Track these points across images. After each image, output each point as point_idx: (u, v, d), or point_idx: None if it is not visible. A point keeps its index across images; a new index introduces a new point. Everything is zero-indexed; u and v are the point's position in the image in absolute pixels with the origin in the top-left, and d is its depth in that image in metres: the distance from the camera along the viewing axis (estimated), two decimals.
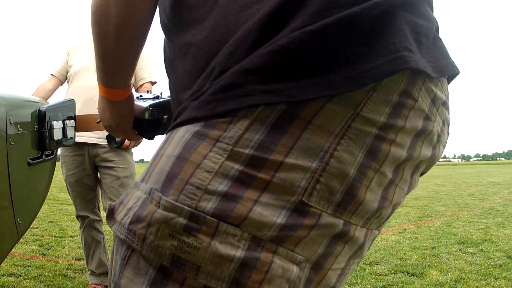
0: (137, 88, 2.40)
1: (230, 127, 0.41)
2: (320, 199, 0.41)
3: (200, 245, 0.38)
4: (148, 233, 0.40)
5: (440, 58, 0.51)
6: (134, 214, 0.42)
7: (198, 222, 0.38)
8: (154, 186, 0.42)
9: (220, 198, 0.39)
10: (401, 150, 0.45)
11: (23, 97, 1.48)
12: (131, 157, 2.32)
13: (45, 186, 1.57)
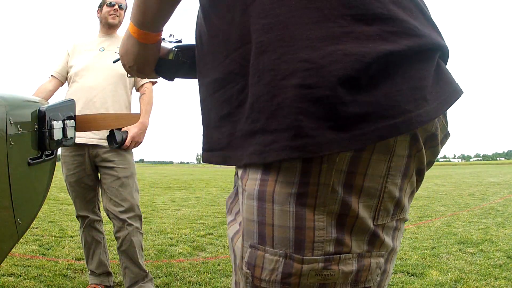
0: (138, 88, 2.40)
1: (320, 189, 0.56)
2: (383, 218, 0.60)
3: (333, 272, 0.57)
4: (301, 280, 0.58)
5: (445, 91, 0.60)
6: (283, 272, 0.58)
7: (329, 260, 0.57)
8: (288, 251, 0.58)
9: (334, 241, 0.57)
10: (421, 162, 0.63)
11: (23, 97, 1.48)
12: (131, 157, 2.32)
13: (45, 186, 1.57)
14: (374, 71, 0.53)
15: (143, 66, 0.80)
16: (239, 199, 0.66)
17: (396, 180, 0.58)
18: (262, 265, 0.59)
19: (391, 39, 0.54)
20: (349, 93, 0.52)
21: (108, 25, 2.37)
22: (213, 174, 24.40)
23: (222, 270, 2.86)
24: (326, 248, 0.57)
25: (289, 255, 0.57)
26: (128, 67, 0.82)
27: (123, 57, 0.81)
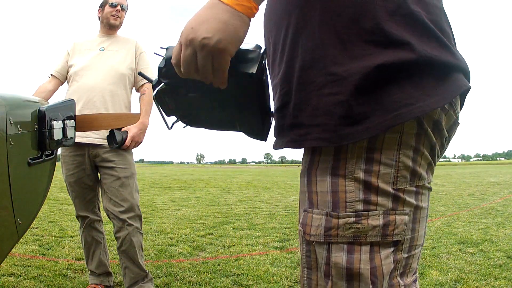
0: (138, 88, 2.40)
1: (347, 162, 0.75)
2: (401, 183, 0.75)
3: (363, 226, 0.73)
4: (338, 232, 0.75)
5: (447, 89, 0.77)
6: (325, 227, 0.75)
7: (359, 216, 0.74)
8: (328, 210, 0.76)
9: (362, 201, 0.74)
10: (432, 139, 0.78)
11: (23, 97, 1.48)
12: (132, 157, 2.32)
13: (45, 186, 1.56)
14: (380, 78, 0.71)
15: (234, 44, 0.68)
16: None
17: (408, 152, 0.74)
18: (311, 223, 0.78)
19: (397, 55, 0.71)
20: (362, 97, 0.71)
21: (109, 26, 2.37)
22: (213, 174, 24.41)
23: (222, 270, 2.86)
24: (356, 206, 0.74)
25: (328, 213, 0.76)
26: (208, 40, 0.65)
27: (207, 29, 0.65)
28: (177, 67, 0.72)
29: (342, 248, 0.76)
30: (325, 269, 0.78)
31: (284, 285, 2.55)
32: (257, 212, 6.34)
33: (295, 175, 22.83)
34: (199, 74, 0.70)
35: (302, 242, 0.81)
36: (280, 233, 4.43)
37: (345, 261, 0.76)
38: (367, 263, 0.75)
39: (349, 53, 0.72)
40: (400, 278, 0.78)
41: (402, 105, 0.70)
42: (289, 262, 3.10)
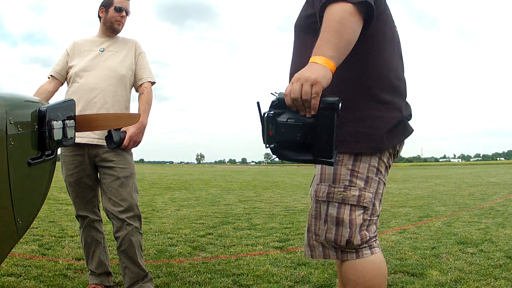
0: (137, 87, 2.40)
1: (345, 160, 1.37)
2: (371, 174, 1.39)
3: (347, 194, 1.33)
4: (334, 196, 1.35)
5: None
6: (327, 192, 1.36)
7: (345, 188, 1.34)
8: (329, 183, 1.36)
9: (349, 181, 1.35)
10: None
11: (23, 97, 1.48)
12: (131, 157, 2.32)
13: (45, 186, 1.56)
14: None
15: (326, 81, 1.13)
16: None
17: (375, 160, 1.38)
18: (320, 190, 1.38)
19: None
20: (407, 104, 1.42)
21: (112, 30, 2.36)
22: (213, 174, 24.40)
23: (222, 270, 2.86)
24: (344, 183, 1.34)
25: (329, 185, 1.36)
26: (310, 76, 1.10)
27: (316, 78, 1.10)
28: (287, 96, 1.14)
29: (335, 205, 1.35)
30: (324, 218, 1.37)
31: (284, 285, 2.55)
32: (257, 212, 6.34)
33: (295, 175, 22.82)
34: (302, 100, 1.12)
35: (312, 202, 1.41)
36: (280, 233, 4.43)
37: (335, 213, 1.35)
38: (347, 215, 1.34)
39: (398, 66, 1.45)
40: (366, 231, 1.36)
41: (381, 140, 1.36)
42: (289, 262, 3.10)
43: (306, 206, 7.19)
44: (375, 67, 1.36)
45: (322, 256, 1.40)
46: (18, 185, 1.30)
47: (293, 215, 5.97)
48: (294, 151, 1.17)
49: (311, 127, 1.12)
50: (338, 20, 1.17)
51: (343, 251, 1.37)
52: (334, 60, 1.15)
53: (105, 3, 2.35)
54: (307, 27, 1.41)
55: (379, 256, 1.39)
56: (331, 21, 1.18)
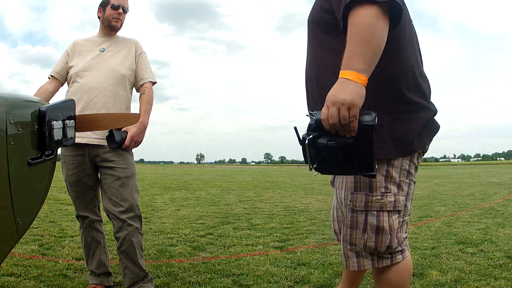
0: (138, 87, 2.40)
1: (380, 166, 1.36)
2: (403, 177, 1.39)
3: (384, 201, 1.34)
4: (372, 204, 1.36)
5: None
6: (365, 201, 1.37)
7: (382, 196, 1.35)
8: (367, 192, 1.36)
9: (384, 187, 1.35)
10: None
11: (23, 97, 1.48)
12: (132, 157, 2.32)
13: (45, 186, 1.56)
14: None
15: (360, 100, 1.13)
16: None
17: (406, 163, 1.40)
18: (356, 199, 1.36)
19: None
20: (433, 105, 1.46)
21: (110, 28, 2.36)
22: (213, 174, 24.40)
23: (222, 270, 2.86)
24: (381, 190, 1.34)
25: (366, 194, 1.35)
26: (345, 99, 1.10)
27: (344, 97, 1.11)
28: (325, 121, 1.14)
29: (374, 214, 1.35)
30: (363, 227, 1.36)
31: (284, 285, 2.55)
32: (257, 212, 6.33)
33: (295, 175, 22.81)
34: (340, 123, 1.12)
35: (347, 211, 1.39)
36: (280, 233, 4.43)
37: (375, 221, 1.35)
38: (386, 222, 1.35)
39: (421, 68, 1.46)
40: (400, 231, 1.39)
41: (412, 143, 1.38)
42: (289, 262, 3.10)
43: (306, 206, 7.19)
44: (401, 67, 1.32)
45: (356, 266, 1.41)
46: (18, 185, 1.30)
47: (293, 215, 5.97)
48: (337, 168, 1.23)
49: (352, 146, 1.16)
50: (365, 27, 1.13)
51: (379, 257, 1.39)
52: (365, 73, 1.13)
53: (103, 3, 2.36)
54: (324, 23, 1.36)
55: (409, 257, 1.44)
56: (358, 29, 1.14)
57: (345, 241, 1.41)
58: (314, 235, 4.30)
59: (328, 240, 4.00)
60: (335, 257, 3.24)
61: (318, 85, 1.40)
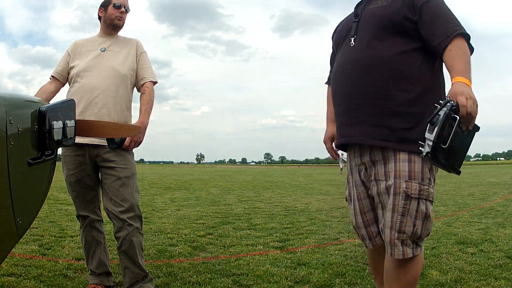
0: (139, 87, 2.39)
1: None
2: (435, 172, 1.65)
3: (430, 191, 1.57)
4: (423, 192, 1.56)
5: None
6: (419, 189, 1.55)
7: (429, 185, 1.57)
8: (419, 181, 1.56)
9: (428, 179, 1.57)
10: None
11: (23, 97, 1.48)
12: (132, 157, 2.32)
13: (45, 186, 1.57)
14: None
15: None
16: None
17: None
18: (411, 187, 1.52)
19: None
20: None
21: (113, 27, 2.37)
22: (213, 174, 24.40)
23: (222, 270, 2.86)
24: (427, 181, 1.54)
25: (419, 183, 1.52)
26: (474, 96, 1.40)
27: (467, 90, 1.41)
28: (464, 108, 1.38)
29: (423, 202, 1.53)
30: (414, 214, 1.52)
31: (284, 285, 2.55)
32: (257, 212, 6.33)
33: (295, 175, 22.81)
34: (473, 114, 1.39)
35: (400, 199, 1.52)
36: (280, 233, 4.43)
37: (425, 209, 1.53)
38: (430, 210, 1.56)
39: None
40: None
41: None
42: (289, 262, 3.10)
43: (306, 206, 7.19)
44: (442, 78, 1.69)
45: (401, 254, 1.55)
46: (18, 185, 1.30)
47: (293, 215, 5.97)
48: (443, 157, 1.40)
49: (466, 140, 1.41)
50: (466, 52, 1.53)
51: (417, 245, 1.57)
52: (469, 78, 1.47)
53: (104, 3, 2.37)
54: (402, 28, 1.61)
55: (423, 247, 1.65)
56: (464, 52, 1.53)
57: (393, 229, 1.54)
58: (314, 235, 4.30)
59: (328, 240, 4.00)
60: (335, 257, 3.24)
61: (379, 72, 1.59)
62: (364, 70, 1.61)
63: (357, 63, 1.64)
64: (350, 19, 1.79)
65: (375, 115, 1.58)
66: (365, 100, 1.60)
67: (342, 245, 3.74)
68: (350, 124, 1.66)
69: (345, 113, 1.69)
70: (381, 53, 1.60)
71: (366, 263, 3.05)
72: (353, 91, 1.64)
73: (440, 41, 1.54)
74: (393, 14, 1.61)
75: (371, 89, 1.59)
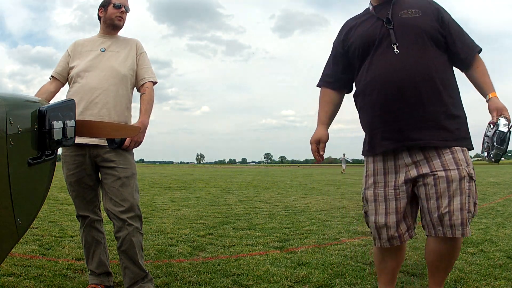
0: (139, 87, 2.39)
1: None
2: None
3: (473, 173, 1.83)
4: (473, 175, 1.83)
5: None
6: (473, 173, 1.82)
7: (472, 168, 1.83)
8: (469, 166, 1.83)
9: (469, 164, 1.82)
10: None
11: (23, 97, 1.48)
12: (132, 157, 2.32)
13: (45, 186, 1.57)
14: None
15: None
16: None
17: None
18: (471, 171, 1.79)
19: None
20: None
21: (113, 26, 2.37)
22: (213, 174, 24.41)
23: (222, 270, 2.86)
24: (471, 165, 1.80)
25: (472, 168, 1.79)
26: None
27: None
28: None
29: (474, 185, 1.78)
30: (474, 195, 1.77)
31: (284, 285, 2.55)
32: (257, 212, 6.34)
33: (295, 175, 22.82)
34: None
35: (465, 182, 1.74)
36: (280, 233, 4.43)
37: (475, 189, 1.78)
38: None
39: None
40: None
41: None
42: (289, 262, 3.10)
43: (306, 206, 7.19)
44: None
45: (467, 233, 1.74)
46: (18, 185, 1.30)
47: (293, 215, 5.96)
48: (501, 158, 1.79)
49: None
50: (486, 67, 1.86)
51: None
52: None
53: (104, 3, 2.37)
54: (436, 40, 1.81)
55: None
56: (486, 68, 1.86)
57: (464, 210, 1.73)
58: (314, 235, 4.30)
59: (328, 240, 4.00)
60: (335, 257, 3.24)
61: (433, 81, 1.77)
62: (420, 79, 1.75)
63: (411, 72, 1.75)
64: (377, 25, 1.86)
65: (434, 119, 1.77)
66: (424, 106, 1.76)
67: (342, 245, 3.74)
68: (411, 129, 1.78)
69: (401, 119, 1.79)
70: (431, 63, 1.77)
71: (366, 263, 3.05)
72: (411, 98, 1.76)
73: (468, 55, 1.85)
74: (430, 27, 1.80)
75: (428, 96, 1.76)
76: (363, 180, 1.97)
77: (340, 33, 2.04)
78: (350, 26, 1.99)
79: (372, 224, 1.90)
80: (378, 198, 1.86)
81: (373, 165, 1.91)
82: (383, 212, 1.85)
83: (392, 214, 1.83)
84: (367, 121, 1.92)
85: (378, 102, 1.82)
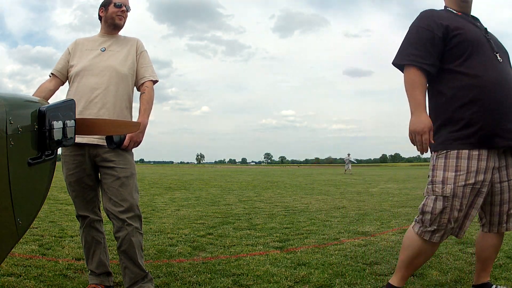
0: (138, 86, 2.39)
1: None
2: None
3: None
4: None
5: None
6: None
7: None
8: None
9: None
10: None
11: (23, 97, 1.48)
12: (132, 157, 2.32)
13: (45, 186, 1.56)
14: None
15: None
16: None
17: None
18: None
19: None
20: None
21: (114, 26, 2.37)
22: (213, 174, 24.41)
23: (222, 270, 2.86)
24: None
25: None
26: None
27: None
28: None
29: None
30: None
31: (284, 285, 2.55)
32: (257, 212, 6.34)
33: (295, 175, 22.82)
34: None
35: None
36: (280, 233, 4.43)
37: None
38: None
39: None
40: None
41: None
42: (289, 262, 3.10)
43: (306, 206, 7.19)
44: None
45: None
46: (18, 185, 1.30)
47: (293, 215, 5.97)
48: None
49: None
50: None
51: None
52: None
53: (104, 2, 2.37)
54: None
55: None
56: None
57: None
58: (314, 235, 4.30)
59: (328, 240, 4.00)
60: (335, 257, 3.24)
61: None
62: None
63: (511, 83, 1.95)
64: (477, 29, 2.02)
65: None
66: None
67: (342, 245, 3.74)
68: None
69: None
70: None
71: (366, 263, 3.05)
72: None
73: None
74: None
75: None
76: (450, 174, 2.00)
77: (434, 19, 1.95)
78: (447, 16, 1.98)
79: (455, 218, 1.99)
80: (455, 195, 1.98)
81: (476, 162, 1.94)
82: (458, 208, 1.97)
83: (475, 209, 2.01)
84: (484, 115, 1.88)
85: (501, 99, 1.90)
